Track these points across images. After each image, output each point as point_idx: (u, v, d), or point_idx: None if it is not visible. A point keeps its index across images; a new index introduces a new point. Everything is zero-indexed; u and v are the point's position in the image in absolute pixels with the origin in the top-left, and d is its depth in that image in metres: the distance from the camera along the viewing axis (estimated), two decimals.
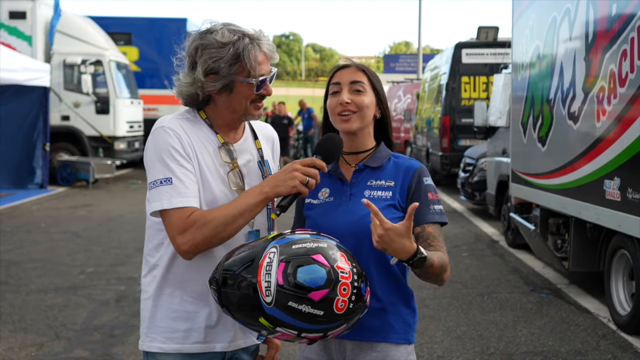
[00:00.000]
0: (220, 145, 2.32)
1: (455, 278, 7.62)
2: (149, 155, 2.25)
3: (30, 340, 5.58)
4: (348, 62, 2.45)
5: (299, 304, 1.95)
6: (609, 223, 5.87)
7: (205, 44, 2.24)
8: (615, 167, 5.65)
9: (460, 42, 15.90)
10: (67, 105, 17.05)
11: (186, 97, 2.32)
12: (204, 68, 2.23)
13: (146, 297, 2.36)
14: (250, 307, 2.01)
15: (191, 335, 2.30)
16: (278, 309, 1.96)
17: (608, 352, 5.43)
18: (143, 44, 21.04)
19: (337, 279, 1.98)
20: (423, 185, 2.35)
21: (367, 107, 2.36)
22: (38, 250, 9.04)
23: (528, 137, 7.95)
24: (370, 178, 2.38)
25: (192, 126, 2.30)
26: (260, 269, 1.99)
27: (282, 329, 2.00)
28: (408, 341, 2.37)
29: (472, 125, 11.83)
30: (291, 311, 1.96)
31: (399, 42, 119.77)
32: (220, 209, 2.19)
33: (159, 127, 2.26)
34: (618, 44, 5.62)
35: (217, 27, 2.27)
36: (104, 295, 6.96)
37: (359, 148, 2.42)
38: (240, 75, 2.25)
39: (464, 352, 5.40)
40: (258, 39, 2.27)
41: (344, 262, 2.03)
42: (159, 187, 2.20)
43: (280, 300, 1.96)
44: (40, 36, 16.71)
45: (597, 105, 5.98)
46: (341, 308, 1.98)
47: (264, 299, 1.97)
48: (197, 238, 2.15)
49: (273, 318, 1.99)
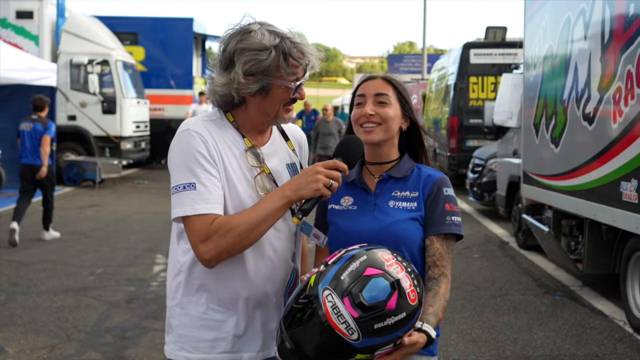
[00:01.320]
0: (247, 149, 2.27)
1: (467, 280, 7.56)
2: (173, 159, 2.20)
3: (42, 343, 5.54)
4: (374, 74, 2.44)
5: (383, 321, 1.92)
6: (626, 225, 5.80)
7: (246, 44, 2.18)
8: (633, 168, 5.58)
9: (469, 42, 15.85)
10: (74, 105, 17.02)
11: (219, 98, 2.26)
12: (243, 69, 2.17)
13: (174, 304, 2.31)
14: (340, 354, 1.95)
15: (218, 345, 2.25)
16: (368, 338, 1.92)
17: (626, 355, 5.37)
18: (149, 43, 21.01)
19: (396, 277, 1.96)
20: (442, 195, 2.34)
21: (391, 119, 2.34)
22: (46, 251, 9.00)
23: (541, 138, 7.89)
24: (395, 189, 2.36)
25: (218, 129, 2.25)
26: (330, 316, 1.92)
27: (380, 350, 1.97)
28: (431, 353, 2.34)
29: (480, 126, 11.78)
30: (381, 331, 1.93)
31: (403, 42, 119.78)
32: (243, 214, 2.14)
33: (184, 130, 2.21)
34: (636, 45, 5.56)
35: (255, 27, 2.21)
36: (114, 296, 6.91)
37: (382, 159, 2.40)
38: (279, 78, 2.20)
39: (480, 355, 5.34)
40: (299, 42, 2.22)
41: (388, 257, 2.00)
42: (182, 193, 2.14)
43: (365, 330, 1.91)
44: (47, 36, 16.67)
45: (614, 106, 5.92)
46: (414, 298, 1.97)
47: (350, 340, 1.92)
48: (221, 246, 2.10)
49: (367, 349, 1.94)
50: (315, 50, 2.28)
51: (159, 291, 7.10)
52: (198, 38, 22.92)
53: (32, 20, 16.37)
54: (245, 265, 2.22)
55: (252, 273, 2.23)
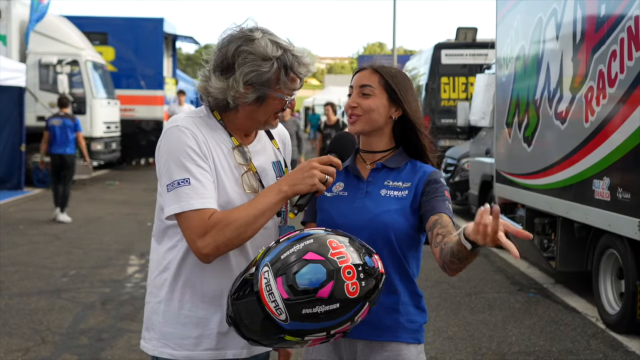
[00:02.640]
0: (234, 147, 2.27)
1: (442, 278, 7.62)
2: (164, 156, 2.18)
3: (16, 345, 5.47)
4: (366, 65, 2.45)
5: (312, 307, 1.90)
6: (599, 223, 5.90)
7: (248, 52, 2.17)
8: (605, 166, 5.67)
9: (440, 42, 15.95)
10: (43, 105, 16.80)
11: (212, 100, 2.25)
12: (244, 79, 2.17)
13: (157, 301, 2.30)
14: (271, 331, 1.98)
15: (202, 342, 2.25)
16: (295, 321, 1.92)
17: (599, 351, 5.45)
18: (119, 43, 20.86)
19: (337, 267, 1.92)
20: (439, 184, 2.36)
21: (372, 110, 2.35)
22: (18, 253, 8.89)
23: (513, 137, 7.98)
24: (388, 178, 2.38)
25: (206, 126, 2.25)
26: (262, 293, 1.94)
27: (311, 336, 1.96)
28: (418, 341, 2.38)
29: (451, 126, 11.87)
30: (309, 317, 1.91)
31: (372, 43, 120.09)
32: (241, 209, 2.14)
33: (173, 126, 2.20)
34: (607, 45, 5.65)
35: (257, 35, 2.20)
36: (89, 298, 6.85)
37: (373, 148, 2.43)
38: (277, 90, 2.21)
39: (457, 352, 5.39)
40: (300, 55, 2.22)
41: (338, 245, 1.97)
42: (177, 189, 2.13)
43: (293, 313, 1.91)
44: (15, 35, 16.45)
45: (586, 105, 6.01)
46: (354, 291, 1.92)
47: (278, 319, 1.93)
48: (219, 240, 2.10)
49: (296, 332, 1.95)
50: (313, 59, 2.29)
51: (134, 292, 7.05)
52: (168, 38, 22.81)
53: None
54: (229, 261, 2.23)
55: (235, 269, 2.23)
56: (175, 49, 24.20)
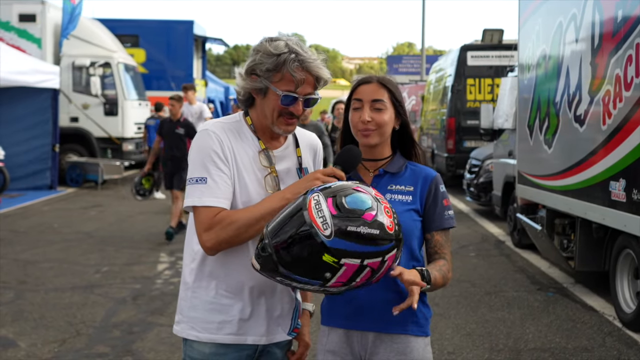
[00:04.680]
0: (261, 151, 2.49)
1: (464, 277, 7.77)
2: (192, 155, 2.45)
3: (52, 337, 5.74)
4: (369, 78, 2.60)
5: (357, 226, 2.08)
6: (615, 223, 6.02)
7: (259, 49, 2.42)
8: (621, 169, 5.80)
9: (466, 44, 16.05)
10: (76, 106, 17.24)
11: (239, 99, 2.53)
12: (248, 66, 2.43)
13: (185, 288, 2.54)
14: (310, 252, 2.08)
15: (225, 327, 2.47)
16: (339, 237, 2.06)
17: (614, 348, 5.58)
18: (150, 46, 21.24)
19: (379, 202, 2.16)
20: (439, 192, 2.56)
21: (386, 124, 2.54)
22: (53, 250, 9.21)
23: (534, 139, 8.10)
24: (390, 183, 2.56)
25: (236, 131, 2.48)
26: (311, 211, 2.10)
27: (347, 259, 2.07)
28: (425, 334, 2.58)
29: (477, 127, 11.98)
30: (351, 236, 2.07)
31: (402, 43, 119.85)
32: (245, 211, 2.37)
33: (203, 130, 2.46)
34: (624, 49, 5.77)
35: (282, 38, 2.44)
36: (120, 293, 7.12)
37: (377, 157, 2.60)
38: (274, 84, 2.41)
39: (474, 348, 5.55)
40: (306, 60, 2.39)
41: (382, 197, 2.24)
42: (194, 185, 2.39)
43: (339, 228, 2.07)
44: (49, 38, 16.89)
45: (603, 108, 6.13)
46: (391, 227, 2.13)
47: (323, 234, 2.06)
48: (221, 236, 2.34)
49: (336, 251, 2.06)
50: (324, 72, 2.44)
51: (164, 288, 7.31)
52: (198, 40, 23.14)
53: (34, 23, 16.59)
54: (250, 257, 2.44)
55: None
56: (205, 50, 24.55)
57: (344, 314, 2.52)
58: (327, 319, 2.58)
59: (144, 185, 11.23)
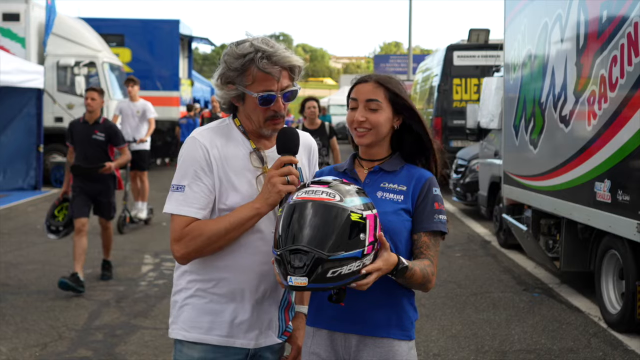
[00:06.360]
0: (252, 151, 2.47)
1: (449, 278, 7.76)
2: (179, 162, 2.48)
3: (34, 341, 5.68)
4: (367, 77, 2.57)
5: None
6: (600, 224, 6.02)
7: (227, 53, 2.42)
8: (606, 169, 5.80)
9: (452, 44, 16.07)
10: (61, 106, 17.06)
11: (221, 103, 2.51)
12: (218, 75, 2.43)
13: (177, 290, 2.54)
14: (341, 222, 2.17)
15: (214, 329, 2.46)
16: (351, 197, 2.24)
17: (599, 349, 5.57)
18: (135, 45, 21.08)
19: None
20: (431, 194, 2.50)
21: (380, 125, 2.50)
22: (36, 252, 9.12)
23: (520, 139, 8.10)
24: (384, 180, 2.52)
25: (225, 133, 2.47)
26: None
27: (366, 212, 2.22)
28: (409, 337, 2.53)
29: (463, 127, 11.98)
30: (360, 192, 2.30)
31: (389, 43, 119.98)
32: (215, 222, 2.37)
33: (191, 137, 2.46)
34: (608, 50, 5.77)
35: (248, 39, 2.42)
36: (104, 296, 7.06)
37: (373, 157, 2.57)
38: (248, 87, 2.41)
39: (459, 350, 5.53)
40: (272, 54, 2.37)
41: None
42: (173, 192, 2.41)
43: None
44: (33, 38, 16.73)
45: (588, 108, 6.13)
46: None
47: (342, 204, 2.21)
48: (190, 247, 2.36)
49: (355, 207, 2.21)
50: (296, 62, 2.43)
51: (148, 290, 7.25)
52: (184, 39, 23.01)
53: (18, 23, 16.41)
54: (243, 262, 2.44)
55: (248, 269, 2.44)
56: (191, 50, 24.41)
57: (329, 316, 2.48)
58: (313, 320, 2.55)
59: (57, 218, 7.85)
